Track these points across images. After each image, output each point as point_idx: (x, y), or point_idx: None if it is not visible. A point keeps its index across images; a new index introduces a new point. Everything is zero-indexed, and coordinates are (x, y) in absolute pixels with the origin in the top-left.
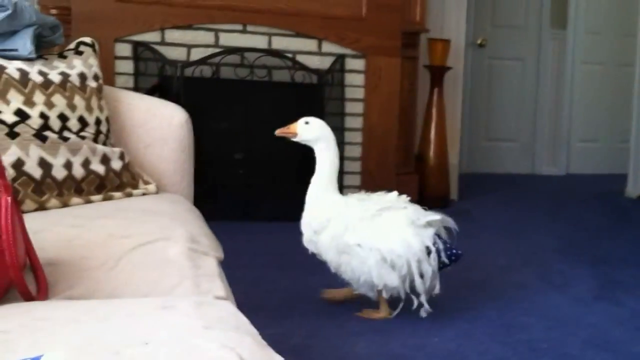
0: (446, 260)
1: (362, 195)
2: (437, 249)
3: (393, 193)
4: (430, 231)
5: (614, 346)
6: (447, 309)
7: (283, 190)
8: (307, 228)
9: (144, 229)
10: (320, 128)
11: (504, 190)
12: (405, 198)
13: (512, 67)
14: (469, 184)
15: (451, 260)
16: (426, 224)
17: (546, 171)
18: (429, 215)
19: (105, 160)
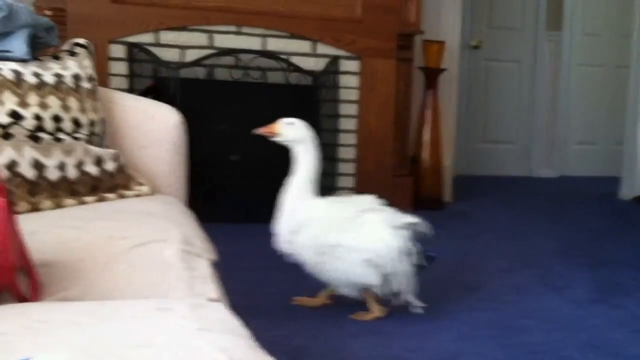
0: (424, 261)
1: (339, 197)
2: (415, 250)
3: (369, 196)
4: (407, 232)
5: (613, 349)
6: (446, 311)
7: (279, 191)
8: (285, 229)
9: (139, 231)
10: (302, 130)
11: (501, 192)
12: (381, 201)
13: (508, 69)
14: (465, 186)
15: (428, 261)
16: (403, 226)
17: (542, 173)
18: (406, 217)
19: (99, 161)
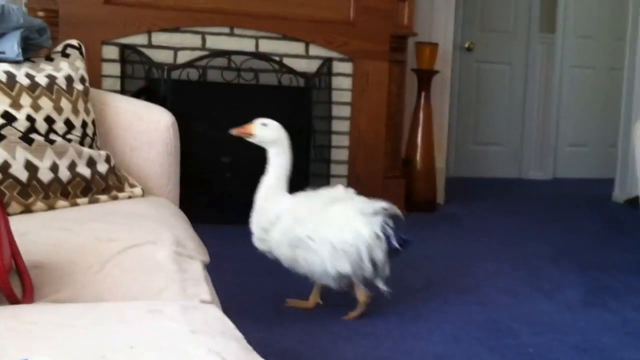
0: (397, 245)
1: (310, 192)
2: (387, 235)
3: (339, 187)
4: (378, 219)
5: (603, 352)
6: (437, 313)
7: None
8: (257, 227)
9: (131, 233)
10: (277, 130)
11: (492, 194)
12: (352, 191)
13: (501, 71)
14: (457, 188)
15: (402, 246)
16: (374, 212)
17: (533, 175)
18: (376, 204)
19: (91, 163)
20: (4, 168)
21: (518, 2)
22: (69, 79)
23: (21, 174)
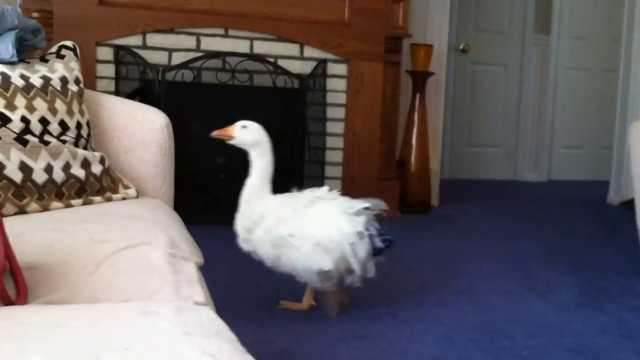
0: (381, 244)
1: (294, 193)
2: (370, 235)
3: (324, 187)
4: (361, 218)
5: (597, 354)
6: (431, 315)
7: None
8: (241, 227)
9: (125, 234)
10: (257, 133)
11: (487, 196)
12: (336, 192)
13: (495, 73)
14: (451, 190)
15: (385, 245)
16: (357, 212)
17: (528, 177)
18: (360, 203)
19: (85, 164)
20: None
21: (513, 4)
22: (64, 80)
23: (15, 175)
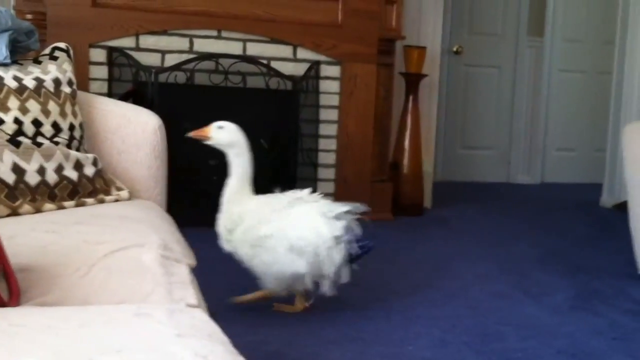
0: (356, 251)
1: (275, 194)
2: (348, 240)
3: (306, 189)
4: (340, 223)
5: (591, 356)
6: (424, 317)
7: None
8: (223, 228)
9: (117, 236)
10: (233, 133)
11: (480, 198)
12: (317, 194)
13: (489, 75)
14: (444, 192)
15: (362, 251)
16: (337, 216)
17: (521, 180)
18: (340, 207)
19: (78, 166)
20: None
21: (506, 6)
22: (57, 82)
23: (8, 177)
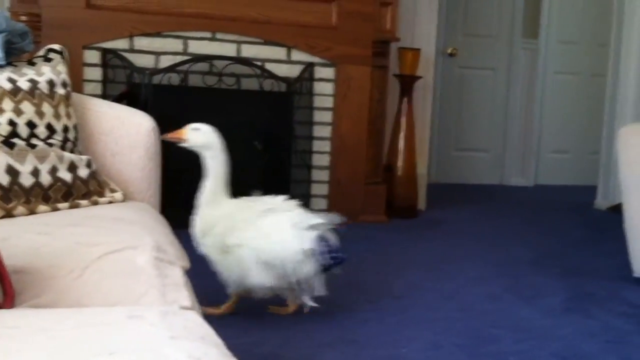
0: (326, 263)
1: (253, 198)
2: (317, 252)
3: (282, 196)
4: (312, 234)
5: (584, 359)
6: (418, 320)
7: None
8: (198, 231)
9: (111, 238)
10: (209, 135)
11: (474, 201)
12: (294, 202)
13: (483, 77)
14: (438, 194)
15: (334, 263)
16: (309, 227)
17: (515, 182)
18: (314, 218)
19: (72, 167)
20: None
21: (501, 8)
22: (51, 84)
23: (2, 179)
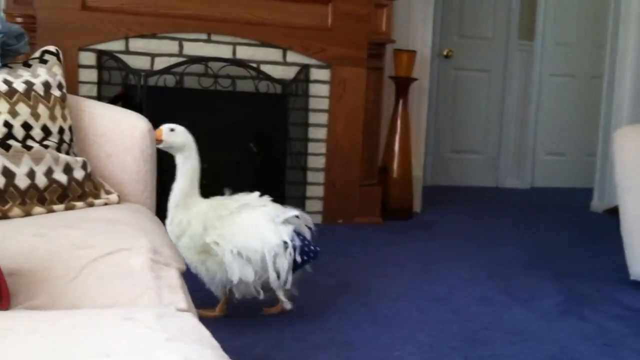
0: (299, 258)
1: (225, 197)
2: (294, 246)
3: (255, 193)
4: (288, 228)
5: None
6: (411, 322)
7: None
8: (171, 234)
9: (106, 239)
10: (185, 135)
11: (468, 202)
12: (266, 198)
13: (479, 79)
14: (433, 196)
15: (309, 257)
16: (285, 221)
17: (510, 184)
18: (288, 212)
19: (67, 169)
20: None
21: (497, 9)
22: (47, 85)
23: None
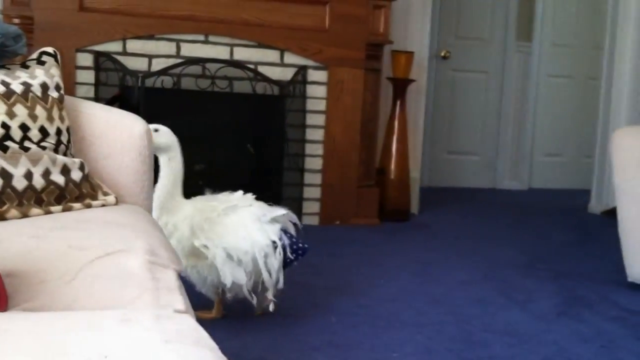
0: (291, 256)
1: (208, 196)
2: (283, 245)
3: (238, 192)
4: (276, 227)
5: None
6: (409, 324)
7: None
8: None
9: (104, 241)
10: (169, 136)
11: (466, 204)
12: (250, 196)
13: (476, 80)
14: (431, 198)
15: (297, 254)
16: (272, 220)
17: (508, 185)
18: (274, 211)
19: (65, 170)
20: None
21: (494, 11)
22: (44, 87)
23: None
